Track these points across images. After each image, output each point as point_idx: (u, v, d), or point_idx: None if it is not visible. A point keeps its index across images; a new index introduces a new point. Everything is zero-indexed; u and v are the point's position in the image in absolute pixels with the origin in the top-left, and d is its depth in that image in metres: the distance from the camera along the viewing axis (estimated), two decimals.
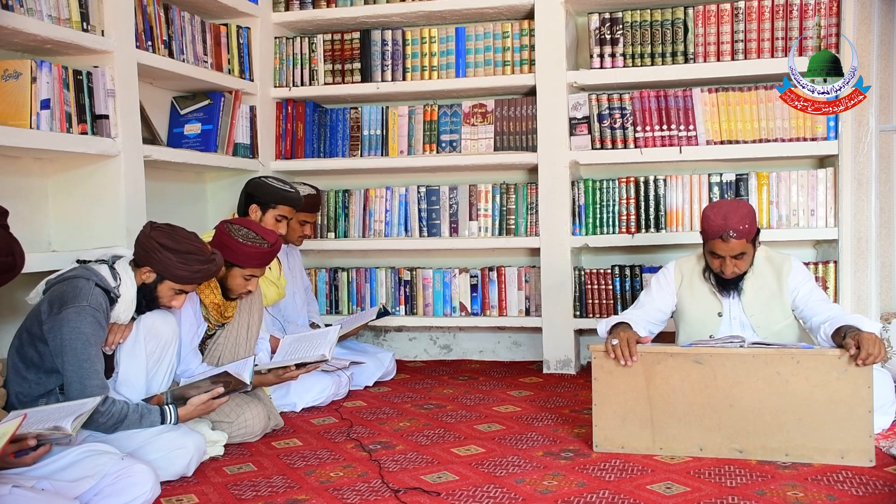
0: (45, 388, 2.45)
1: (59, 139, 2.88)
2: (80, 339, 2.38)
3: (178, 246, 2.55)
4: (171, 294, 2.61)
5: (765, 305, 2.91)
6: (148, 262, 2.56)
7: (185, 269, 2.55)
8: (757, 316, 2.91)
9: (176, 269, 2.55)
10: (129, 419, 2.44)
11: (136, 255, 2.60)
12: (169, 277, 2.57)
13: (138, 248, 2.59)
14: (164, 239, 2.55)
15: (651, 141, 3.90)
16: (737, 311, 2.93)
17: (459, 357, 4.52)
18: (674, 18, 3.85)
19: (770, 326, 2.90)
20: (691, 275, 3.01)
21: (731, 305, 2.93)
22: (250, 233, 2.90)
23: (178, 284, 2.59)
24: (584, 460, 2.63)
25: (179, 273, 2.56)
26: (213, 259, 2.64)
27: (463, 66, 4.15)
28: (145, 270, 2.57)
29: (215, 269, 2.66)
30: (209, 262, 2.61)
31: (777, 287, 2.91)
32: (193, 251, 2.58)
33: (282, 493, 2.41)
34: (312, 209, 3.81)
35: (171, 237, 2.57)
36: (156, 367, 2.64)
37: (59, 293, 2.44)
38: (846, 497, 2.26)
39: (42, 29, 2.81)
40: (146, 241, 2.56)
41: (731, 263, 2.82)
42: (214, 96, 3.91)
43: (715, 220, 2.78)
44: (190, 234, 2.64)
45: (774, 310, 2.91)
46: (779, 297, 2.90)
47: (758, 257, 2.92)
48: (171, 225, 2.65)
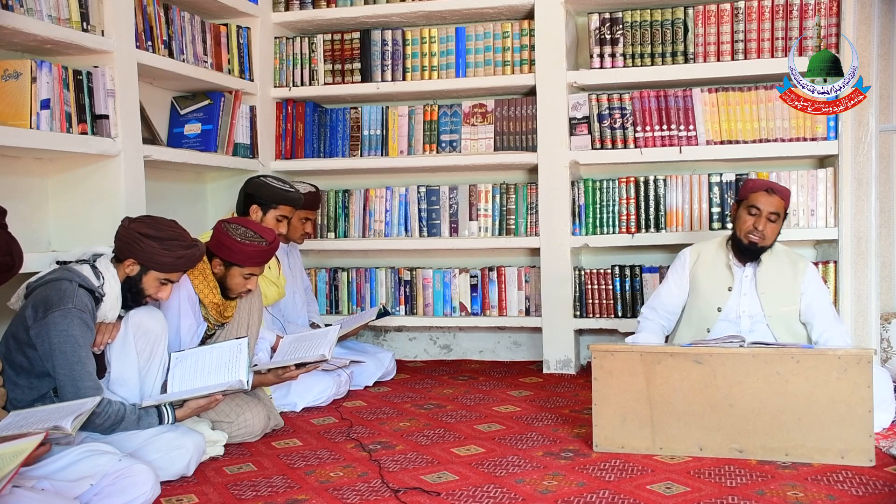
0: (38, 392, 2.43)
1: (59, 139, 2.88)
2: (69, 342, 2.36)
3: (159, 233, 2.55)
4: (157, 285, 2.60)
5: (777, 286, 3.00)
6: (131, 253, 2.54)
7: (168, 255, 2.55)
8: (768, 294, 2.99)
9: (160, 256, 2.54)
10: (127, 420, 2.44)
11: (118, 249, 2.58)
12: (153, 266, 2.56)
13: (119, 243, 2.57)
14: (144, 229, 2.54)
15: (651, 141, 3.90)
16: (748, 288, 3.01)
17: (459, 357, 4.52)
18: (674, 18, 3.85)
19: (777, 307, 2.98)
20: (707, 252, 3.11)
21: (743, 283, 3.01)
22: (248, 231, 2.90)
23: (163, 273, 2.58)
24: (584, 460, 2.63)
25: (163, 260, 2.55)
26: (196, 244, 2.64)
27: (463, 66, 4.15)
28: (129, 263, 2.55)
29: (199, 255, 2.65)
30: (192, 248, 2.61)
31: (791, 276, 3.01)
32: (175, 237, 2.58)
33: (282, 493, 2.41)
34: (313, 206, 3.82)
35: (151, 226, 2.56)
36: (147, 363, 2.63)
37: (44, 297, 2.41)
38: (846, 497, 2.26)
39: (42, 29, 2.81)
40: (126, 234, 2.55)
41: (765, 220, 2.91)
42: (214, 96, 3.91)
43: (760, 180, 3.03)
44: (170, 222, 2.64)
45: (784, 293, 3.00)
46: (791, 284, 3.00)
47: (777, 247, 3.04)
48: (150, 215, 2.66)
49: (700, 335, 3.01)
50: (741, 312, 3.00)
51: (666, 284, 3.17)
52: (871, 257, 3.64)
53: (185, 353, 2.74)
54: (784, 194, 2.97)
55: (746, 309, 3.00)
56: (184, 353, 2.75)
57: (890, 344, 3.67)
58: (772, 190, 2.94)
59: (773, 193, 2.93)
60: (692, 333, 3.05)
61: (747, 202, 2.97)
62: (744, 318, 3.00)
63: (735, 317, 3.01)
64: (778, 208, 2.94)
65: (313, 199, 3.81)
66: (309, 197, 3.74)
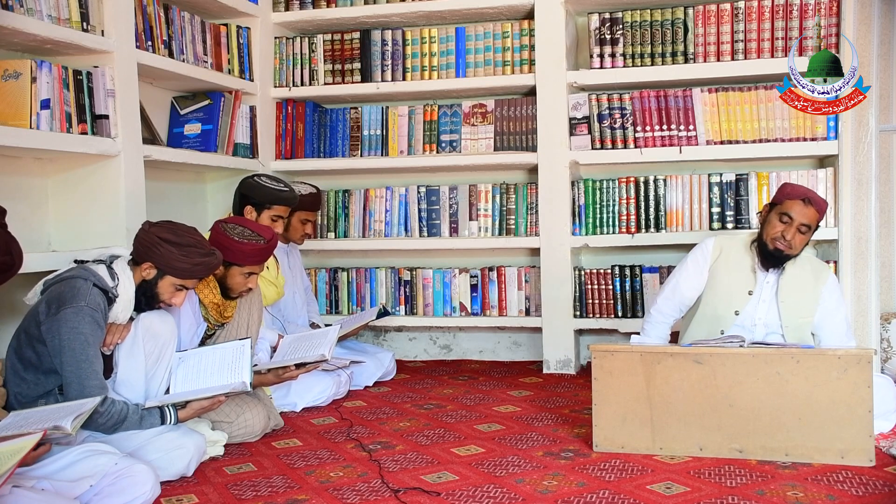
0: (43, 389, 2.45)
1: (59, 139, 2.88)
2: (79, 340, 2.37)
3: (179, 239, 2.56)
4: (172, 291, 2.61)
5: (798, 294, 2.92)
6: (149, 257, 2.56)
7: (186, 262, 2.56)
8: (787, 302, 2.91)
9: (177, 262, 2.55)
10: (129, 420, 2.44)
11: (136, 252, 2.60)
12: (170, 272, 2.57)
13: (138, 246, 2.59)
14: (164, 233, 2.56)
15: (651, 141, 3.90)
16: (768, 294, 2.92)
17: (459, 357, 4.52)
18: (674, 18, 3.85)
19: (796, 318, 2.91)
20: (731, 249, 3.01)
21: (764, 289, 2.93)
22: (246, 230, 2.90)
23: (180, 279, 2.59)
24: (584, 460, 2.63)
25: (181, 266, 2.56)
26: (213, 252, 2.66)
27: (463, 66, 4.15)
28: (146, 266, 2.57)
29: (216, 263, 2.66)
30: (209, 255, 2.62)
31: (813, 285, 2.94)
32: (194, 244, 2.59)
33: (282, 493, 2.41)
34: (313, 207, 3.81)
35: (171, 231, 2.58)
36: (154, 367, 2.63)
37: (57, 294, 2.43)
38: (846, 497, 2.26)
39: (42, 29, 2.81)
40: (146, 238, 2.57)
41: (795, 230, 2.82)
42: (214, 96, 3.91)
43: (799, 188, 2.89)
44: (190, 228, 2.65)
45: (804, 303, 2.93)
46: (812, 293, 2.93)
47: (802, 255, 2.94)
48: (170, 221, 2.67)
49: (713, 336, 2.90)
50: (757, 320, 2.92)
51: (685, 274, 3.03)
52: (871, 257, 3.64)
53: (187, 354, 2.74)
54: (821, 207, 2.85)
55: (763, 316, 2.92)
56: (186, 353, 2.75)
57: (890, 344, 3.67)
58: (809, 200, 2.82)
59: (810, 204, 2.82)
60: (704, 333, 2.95)
61: (781, 208, 2.86)
62: (759, 325, 2.92)
63: (751, 324, 2.92)
64: (811, 220, 2.83)
65: (313, 200, 3.80)
66: (308, 198, 3.73)
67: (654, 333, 3.10)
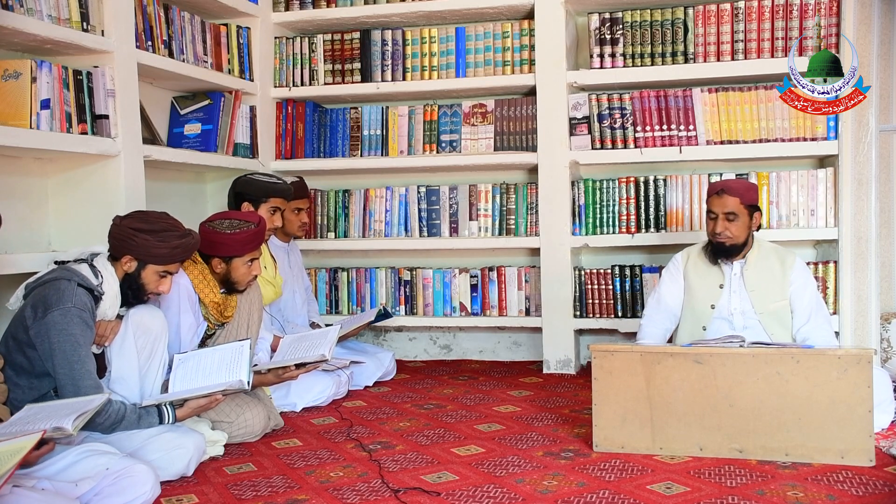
0: (39, 392, 2.43)
1: (59, 139, 2.88)
2: (69, 342, 2.36)
3: (152, 226, 2.55)
4: (157, 278, 2.60)
5: (765, 282, 3.04)
6: (127, 250, 2.54)
7: (164, 247, 2.55)
8: (757, 291, 3.03)
9: (156, 249, 2.54)
10: (128, 419, 2.44)
11: (112, 248, 2.58)
12: (150, 260, 2.56)
13: (112, 241, 2.58)
14: (136, 223, 2.55)
15: (651, 141, 3.90)
16: (737, 286, 3.06)
17: (459, 357, 4.52)
18: (674, 18, 3.85)
19: (767, 304, 3.03)
20: (696, 254, 3.18)
21: (733, 280, 3.06)
22: (233, 221, 2.92)
23: (162, 266, 2.58)
24: (584, 460, 2.63)
25: (160, 252, 2.55)
26: (190, 233, 2.65)
27: (463, 66, 4.15)
28: (126, 260, 2.56)
29: (194, 243, 2.66)
30: (186, 237, 2.62)
31: (780, 272, 3.04)
32: (168, 228, 2.58)
33: (282, 493, 2.41)
34: (301, 195, 3.82)
35: (142, 220, 2.57)
36: (148, 362, 2.63)
37: (42, 297, 2.40)
38: (846, 497, 2.26)
39: (42, 29, 2.81)
40: (119, 231, 2.55)
41: (723, 221, 2.98)
42: (214, 96, 3.91)
43: (715, 183, 3.09)
44: (160, 214, 2.65)
45: (773, 290, 3.03)
46: (780, 280, 3.04)
47: (766, 245, 3.10)
48: (139, 210, 2.68)
49: (697, 333, 3.05)
50: (733, 310, 3.04)
51: (664, 286, 3.20)
52: (871, 257, 3.64)
53: (187, 355, 2.74)
54: (737, 191, 2.98)
55: (738, 306, 3.04)
56: (186, 354, 2.75)
57: (890, 344, 3.67)
58: (722, 191, 2.99)
59: (724, 194, 2.98)
60: (689, 332, 3.09)
61: (707, 207, 3.07)
62: (736, 314, 3.04)
63: (728, 314, 3.05)
64: (732, 207, 2.97)
65: (300, 186, 3.82)
66: (296, 185, 3.76)
67: (649, 336, 3.17)
